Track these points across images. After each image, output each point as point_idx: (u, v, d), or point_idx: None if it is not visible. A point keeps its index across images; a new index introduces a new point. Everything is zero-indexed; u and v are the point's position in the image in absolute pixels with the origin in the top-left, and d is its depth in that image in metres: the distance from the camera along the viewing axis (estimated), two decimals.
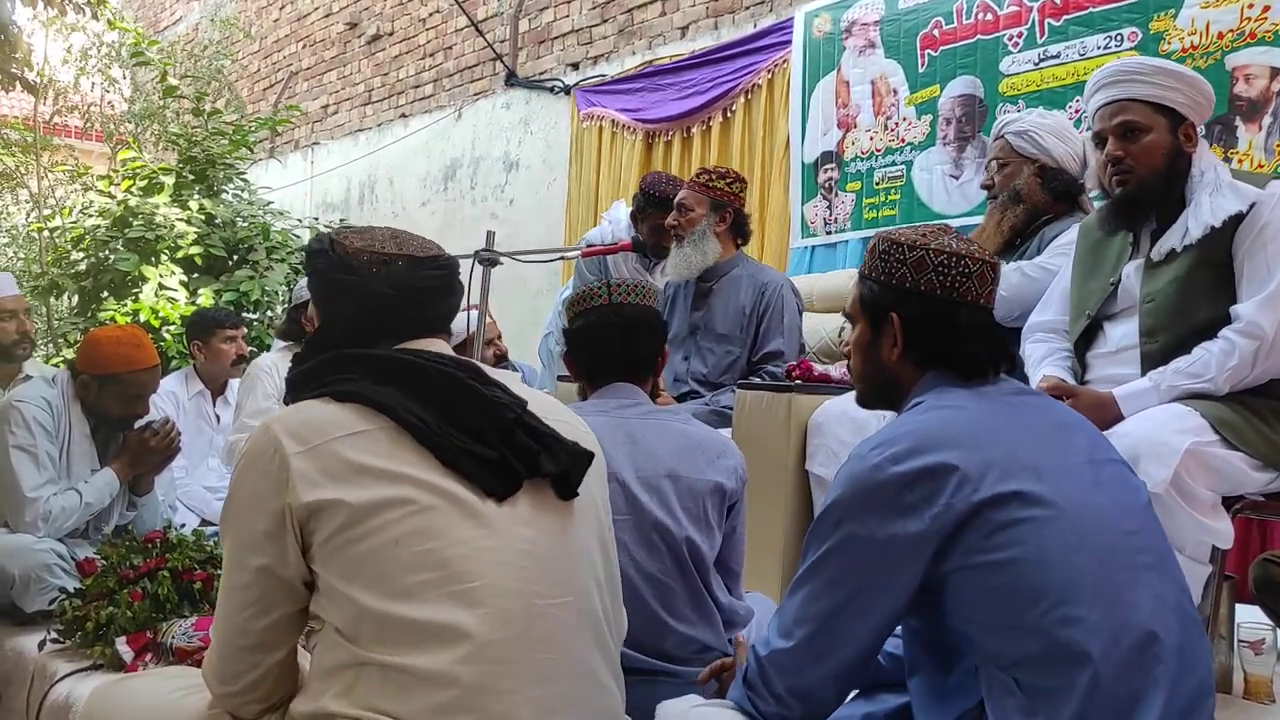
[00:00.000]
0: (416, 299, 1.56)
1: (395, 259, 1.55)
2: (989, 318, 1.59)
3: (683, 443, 2.09)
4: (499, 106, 7.20)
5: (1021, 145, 2.89)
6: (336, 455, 1.39)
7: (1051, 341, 2.46)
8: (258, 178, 7.77)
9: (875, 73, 4.93)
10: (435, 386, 1.46)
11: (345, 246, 1.56)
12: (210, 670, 1.51)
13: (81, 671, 2.41)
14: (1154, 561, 1.41)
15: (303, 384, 1.51)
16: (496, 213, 7.10)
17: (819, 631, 1.45)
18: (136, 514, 3.19)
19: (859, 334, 1.66)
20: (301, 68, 9.28)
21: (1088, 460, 1.48)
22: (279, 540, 1.39)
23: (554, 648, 1.40)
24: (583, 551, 1.50)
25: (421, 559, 1.36)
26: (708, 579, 2.06)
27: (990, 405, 1.53)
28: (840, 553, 1.44)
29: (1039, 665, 1.31)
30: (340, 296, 1.57)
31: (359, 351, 1.50)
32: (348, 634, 1.36)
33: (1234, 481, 2.06)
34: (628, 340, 2.14)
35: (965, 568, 1.36)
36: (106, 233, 5.64)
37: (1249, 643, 2.28)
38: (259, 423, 1.56)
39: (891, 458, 1.41)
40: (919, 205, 4.73)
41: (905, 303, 1.58)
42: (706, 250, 3.56)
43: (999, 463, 1.39)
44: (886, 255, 1.60)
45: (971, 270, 1.56)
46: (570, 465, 1.49)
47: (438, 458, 1.42)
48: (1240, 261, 2.17)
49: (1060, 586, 1.33)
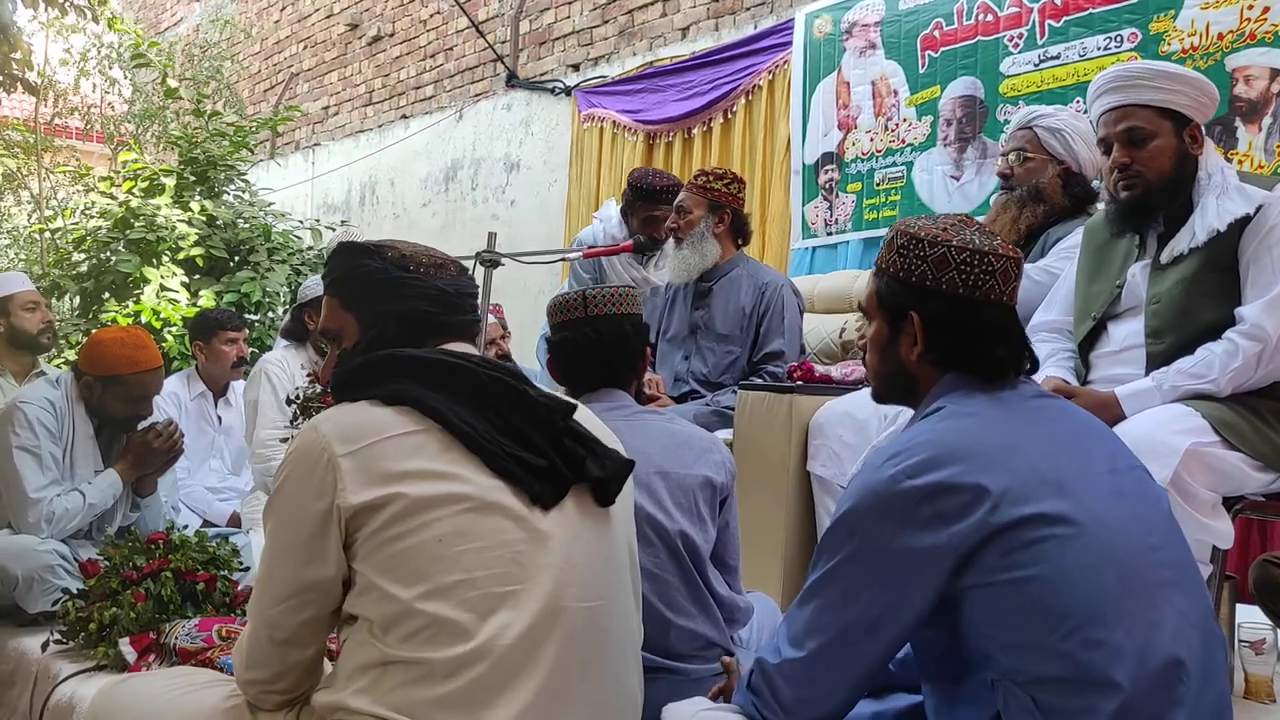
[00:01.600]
0: (461, 303, 1.62)
1: (449, 264, 1.64)
2: (1012, 317, 1.54)
3: (670, 440, 2.12)
4: (500, 108, 7.21)
5: (1051, 144, 2.86)
6: (385, 456, 1.41)
7: (1054, 342, 2.46)
8: (259, 179, 7.77)
9: (876, 74, 4.94)
10: (486, 391, 1.48)
11: (397, 250, 1.62)
12: (239, 657, 1.53)
13: (85, 672, 2.42)
14: (1177, 577, 1.39)
15: (353, 384, 1.51)
16: (498, 214, 7.10)
17: (832, 643, 1.41)
18: (139, 515, 3.20)
19: (876, 331, 1.61)
20: (302, 69, 9.28)
21: (1108, 469, 1.45)
22: (322, 539, 1.41)
23: (586, 650, 1.42)
24: (618, 558, 1.53)
25: (462, 558, 1.37)
26: (704, 572, 2.08)
27: (1009, 413, 1.49)
28: (854, 564, 1.41)
29: (1060, 686, 1.30)
30: (396, 297, 1.58)
31: (410, 352, 1.51)
32: (380, 629, 1.37)
33: (1235, 482, 2.07)
34: (605, 355, 2.15)
35: (984, 585, 1.34)
36: (108, 234, 5.65)
37: (1249, 643, 2.28)
38: (278, 430, 1.57)
39: (908, 470, 1.38)
40: (919, 206, 4.73)
41: (926, 302, 1.52)
42: (705, 252, 3.57)
43: (1020, 479, 1.35)
44: (905, 250, 1.54)
45: (995, 267, 1.50)
46: (614, 472, 1.52)
47: (486, 464, 1.43)
48: (1246, 264, 2.17)
49: (1082, 608, 1.30)
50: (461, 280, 1.64)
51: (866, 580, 1.39)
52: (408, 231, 7.85)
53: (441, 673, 1.33)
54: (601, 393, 2.17)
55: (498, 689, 1.34)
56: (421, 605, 1.35)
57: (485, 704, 1.33)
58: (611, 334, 2.15)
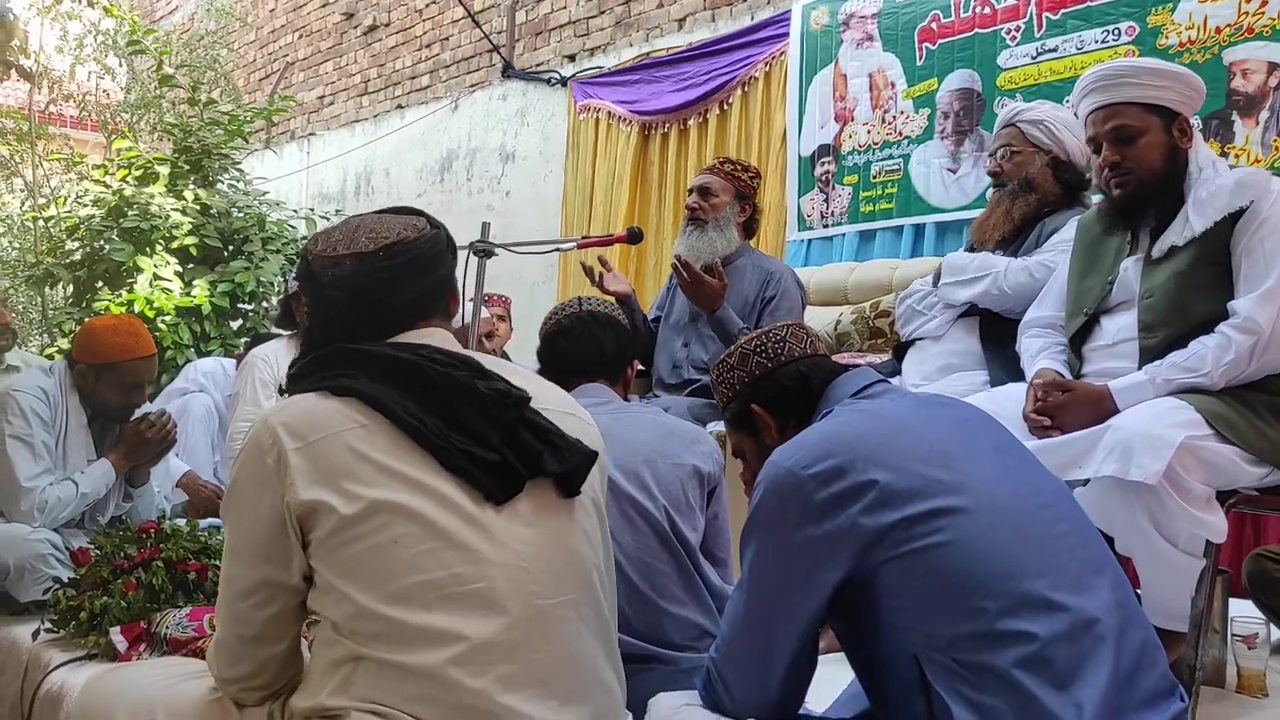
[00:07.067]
0: (372, 296, 1.52)
1: (343, 260, 1.52)
2: (824, 359, 1.75)
3: (658, 431, 2.16)
4: (495, 98, 7.19)
5: (1036, 135, 2.87)
6: (335, 452, 1.38)
7: (1047, 336, 2.46)
8: (253, 168, 7.75)
9: (873, 66, 4.93)
10: (434, 386, 1.44)
11: (309, 250, 1.56)
12: (213, 658, 1.51)
13: (76, 661, 2.41)
14: (1073, 528, 1.46)
15: (301, 378, 1.49)
16: (493, 204, 7.09)
17: (752, 637, 1.50)
18: (132, 505, 3.19)
19: (748, 450, 1.77)
20: (298, 58, 9.25)
21: (993, 449, 1.53)
22: (279, 535, 1.39)
23: (556, 645, 1.40)
24: (584, 548, 1.50)
25: (419, 560, 1.35)
26: (695, 560, 2.09)
27: (894, 406, 1.60)
28: (766, 560, 1.48)
29: (976, 644, 1.34)
30: (309, 303, 1.58)
31: (356, 347, 1.48)
32: (345, 630, 1.36)
33: (1228, 476, 2.06)
34: (597, 337, 2.25)
35: (890, 559, 1.39)
36: (101, 222, 5.62)
37: (1242, 637, 2.28)
38: (247, 424, 1.56)
39: (802, 461, 1.45)
40: (916, 199, 4.73)
41: (756, 393, 1.72)
42: (730, 236, 3.56)
43: (909, 461, 1.43)
44: (720, 380, 1.77)
45: (782, 336, 1.74)
46: (575, 464, 1.48)
47: (437, 460, 1.40)
48: (1238, 257, 2.17)
49: (985, 565, 1.36)
50: (367, 270, 1.51)
51: (778, 574, 1.47)
52: None
53: (410, 671, 1.32)
54: (589, 388, 2.20)
55: (468, 685, 1.33)
56: (383, 609, 1.33)
57: (458, 701, 1.32)
58: (604, 319, 2.28)
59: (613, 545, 1.96)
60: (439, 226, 1.60)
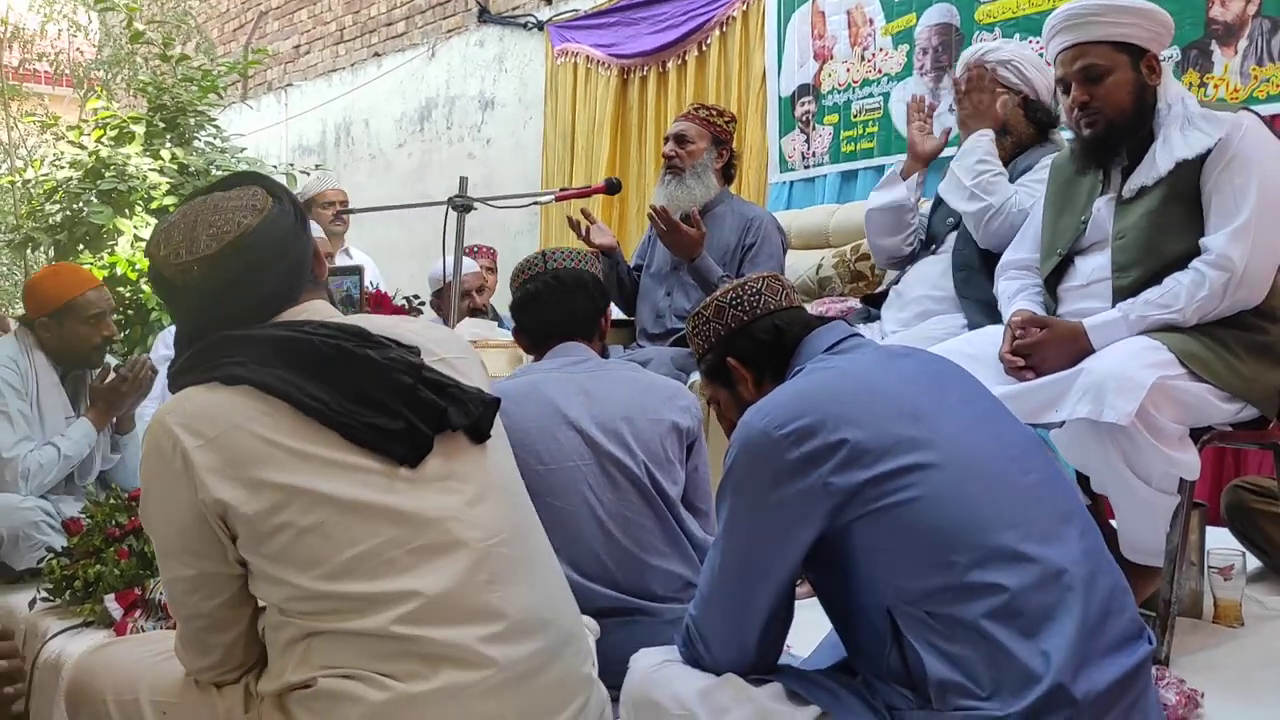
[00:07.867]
0: (234, 292, 1.47)
1: (190, 266, 1.45)
2: (799, 311, 1.75)
3: (636, 387, 2.17)
4: (472, 44, 7.10)
5: (1006, 75, 2.85)
6: (242, 442, 1.37)
7: (1024, 278, 2.47)
8: (230, 123, 7.65)
9: (851, 2, 4.87)
10: (328, 360, 1.42)
11: (153, 255, 1.49)
12: (182, 653, 1.54)
13: (73, 629, 2.46)
14: (1043, 479, 1.49)
15: (187, 372, 1.46)
16: (474, 153, 7.03)
17: (728, 595, 1.52)
18: (120, 457, 3.20)
19: (723, 400, 1.78)
20: (271, 6, 9.09)
21: (962, 400, 1.56)
22: (204, 531, 1.39)
23: (504, 584, 1.43)
24: (505, 486, 1.53)
25: (351, 535, 1.36)
26: (677, 513, 2.13)
27: (864, 361, 1.62)
28: (740, 519, 1.51)
29: (948, 596, 1.36)
30: (171, 309, 1.56)
31: (240, 333, 1.44)
32: (291, 612, 1.38)
33: (1201, 413, 2.08)
34: (566, 302, 2.22)
35: (862, 515, 1.42)
36: (79, 185, 5.57)
37: (1218, 568, 2.31)
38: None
39: (774, 421, 1.46)
40: (896, 137, 4.70)
41: (731, 346, 1.73)
42: (708, 184, 3.55)
43: (879, 419, 1.45)
44: (696, 332, 1.78)
45: (757, 288, 1.73)
46: (480, 413, 1.50)
47: (342, 435, 1.40)
48: (1208, 194, 2.17)
49: (955, 519, 1.39)
50: (221, 270, 1.44)
51: (752, 533, 1.49)
52: (384, 173, 7.79)
53: (366, 634, 1.35)
54: (566, 347, 2.20)
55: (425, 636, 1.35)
56: (324, 587, 1.35)
57: (417, 651, 1.35)
58: (571, 280, 2.23)
59: (596, 504, 2.03)
60: (279, 194, 1.53)
